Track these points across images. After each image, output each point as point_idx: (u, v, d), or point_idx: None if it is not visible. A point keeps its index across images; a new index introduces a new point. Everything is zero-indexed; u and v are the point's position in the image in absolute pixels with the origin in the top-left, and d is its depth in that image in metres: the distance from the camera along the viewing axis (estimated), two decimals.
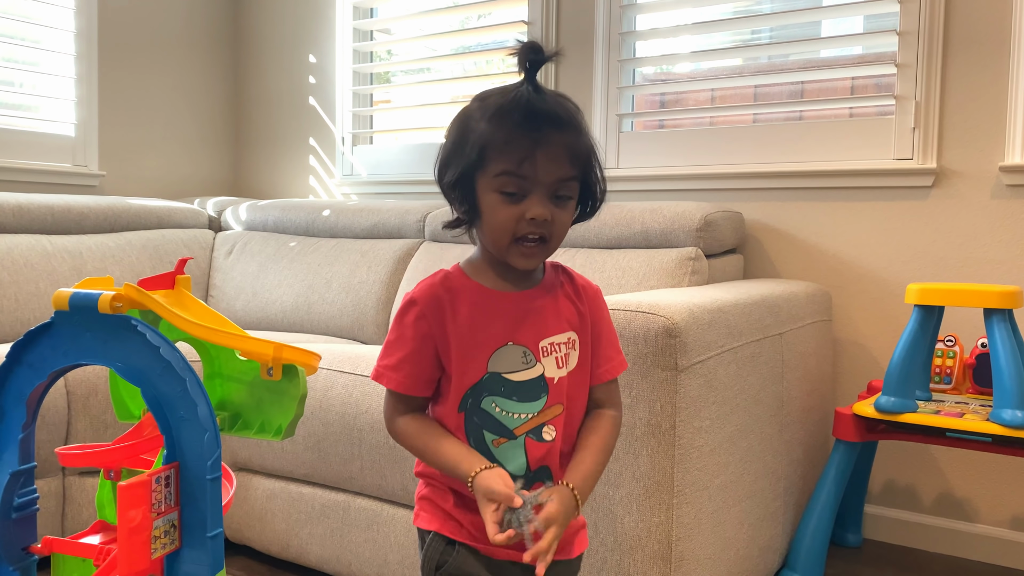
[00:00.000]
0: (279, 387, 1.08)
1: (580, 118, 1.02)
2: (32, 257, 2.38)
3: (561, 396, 1.04)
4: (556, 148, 0.97)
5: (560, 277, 1.09)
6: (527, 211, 0.98)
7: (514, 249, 1.01)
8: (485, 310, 1.04)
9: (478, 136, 0.99)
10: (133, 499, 0.91)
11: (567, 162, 0.98)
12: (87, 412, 1.89)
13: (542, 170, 0.97)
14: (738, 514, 1.63)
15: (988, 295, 1.76)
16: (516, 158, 0.97)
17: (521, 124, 0.97)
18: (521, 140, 0.97)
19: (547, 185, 0.98)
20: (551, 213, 0.99)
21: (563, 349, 1.05)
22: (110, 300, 0.97)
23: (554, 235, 1.01)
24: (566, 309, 1.07)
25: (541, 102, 0.98)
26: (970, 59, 2.13)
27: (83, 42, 2.95)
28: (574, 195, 1.02)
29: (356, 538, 1.77)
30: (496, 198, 0.99)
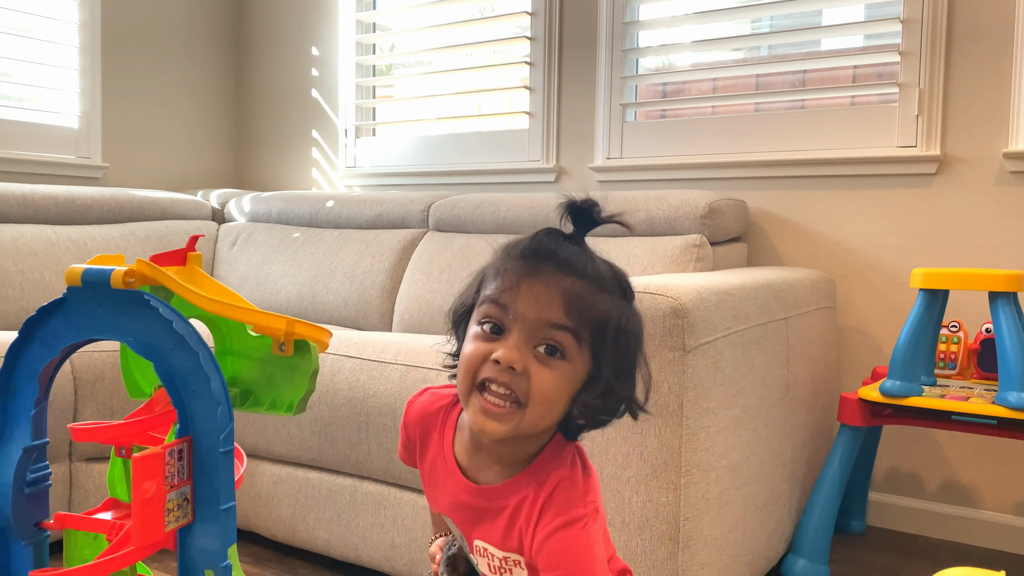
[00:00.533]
0: (291, 363, 1.08)
1: (611, 283, 0.88)
2: (37, 247, 2.38)
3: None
4: (549, 286, 0.84)
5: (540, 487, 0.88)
6: (496, 349, 0.84)
7: (474, 400, 0.86)
8: (440, 476, 0.95)
9: (485, 268, 0.91)
10: (148, 470, 0.91)
11: (559, 306, 0.83)
12: (94, 397, 1.90)
13: (524, 302, 0.84)
14: (744, 496, 1.64)
15: (993, 278, 1.76)
16: (501, 286, 0.85)
17: (521, 256, 0.87)
18: (514, 270, 0.86)
19: (528, 325, 0.84)
20: (526, 364, 0.83)
21: (497, 561, 0.91)
22: (123, 275, 0.98)
23: (532, 398, 0.83)
24: (517, 528, 0.89)
25: (553, 243, 0.86)
26: (974, 46, 2.14)
27: (86, 34, 2.95)
28: (572, 359, 0.85)
29: (363, 522, 1.78)
30: (474, 331, 0.88)
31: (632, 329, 0.89)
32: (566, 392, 0.86)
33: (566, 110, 2.73)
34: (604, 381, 0.86)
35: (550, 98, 2.74)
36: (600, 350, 0.86)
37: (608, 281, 0.87)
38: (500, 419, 0.84)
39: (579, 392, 0.87)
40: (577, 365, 0.85)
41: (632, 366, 0.89)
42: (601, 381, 0.86)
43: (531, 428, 0.85)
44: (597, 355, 0.86)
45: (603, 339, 0.85)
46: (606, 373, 0.86)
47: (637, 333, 0.90)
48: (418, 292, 2.40)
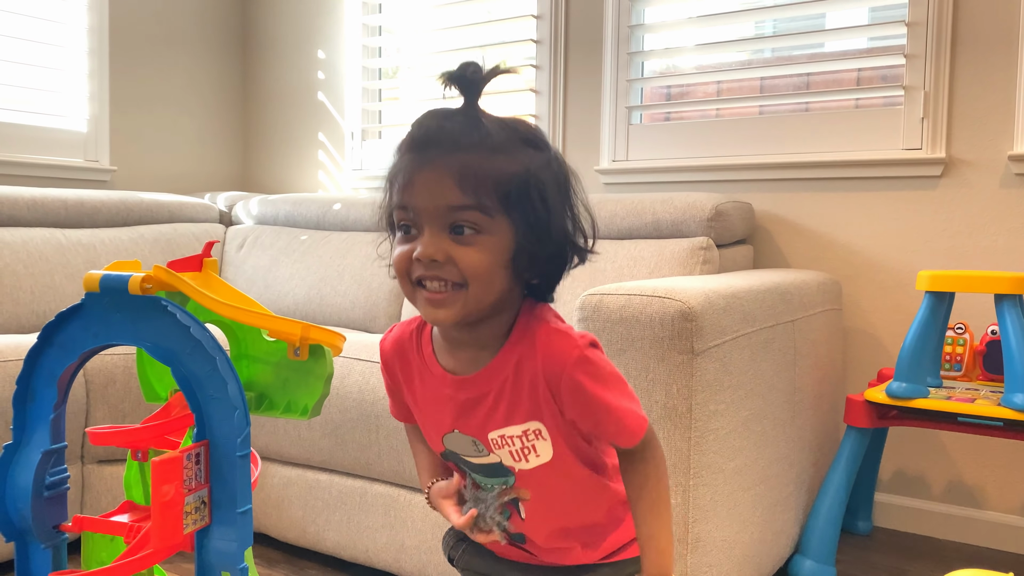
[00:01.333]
0: (305, 367, 1.09)
1: (509, 142, 0.85)
2: (47, 250, 2.40)
3: (526, 483, 0.94)
4: (438, 170, 0.83)
5: (523, 345, 0.89)
6: (416, 248, 0.84)
7: (419, 296, 0.87)
8: (431, 391, 0.95)
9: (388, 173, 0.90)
10: (166, 474, 0.93)
11: (454, 185, 0.82)
12: (106, 401, 1.91)
13: (421, 197, 0.83)
14: (752, 498, 1.65)
15: (999, 281, 1.77)
16: (400, 184, 0.85)
17: (408, 148, 0.86)
18: (406, 165, 0.85)
19: (432, 216, 0.83)
20: (446, 251, 0.83)
21: (518, 443, 0.91)
22: (140, 281, 0.99)
23: (468, 278, 0.83)
24: (523, 394, 0.89)
25: (436, 123, 0.85)
26: (979, 49, 2.14)
27: (94, 38, 2.97)
28: (486, 230, 0.83)
29: (373, 524, 1.79)
30: (396, 236, 0.88)
31: (545, 178, 0.87)
32: (498, 262, 0.85)
33: (572, 113, 2.74)
34: (533, 238, 0.86)
35: (556, 101, 2.76)
36: (514, 211, 0.85)
37: (502, 142, 0.85)
38: (446, 304, 0.85)
39: (514, 256, 0.86)
40: (497, 233, 0.84)
41: (556, 209, 0.88)
42: (530, 239, 0.86)
43: (478, 303, 0.85)
44: (512, 216, 0.85)
45: (512, 199, 0.84)
46: (531, 230, 0.85)
47: (555, 178, 0.88)
48: None
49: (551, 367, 0.87)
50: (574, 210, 0.91)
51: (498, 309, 0.89)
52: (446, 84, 0.87)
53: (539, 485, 0.94)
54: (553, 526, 0.97)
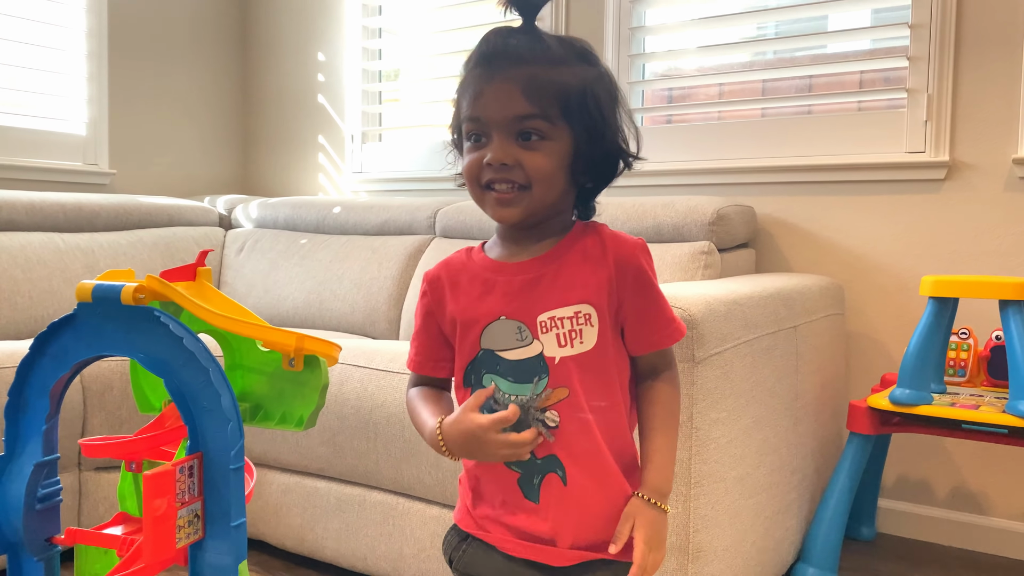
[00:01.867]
0: (300, 378, 1.08)
1: (568, 56, 0.93)
2: (45, 255, 2.39)
3: (565, 379, 0.93)
4: (506, 83, 0.90)
5: (587, 239, 0.96)
6: (486, 155, 0.92)
7: (487, 198, 0.95)
8: (482, 283, 0.97)
9: (457, 89, 0.97)
10: (159, 488, 0.91)
11: (521, 96, 0.90)
12: (103, 407, 1.90)
13: (490, 107, 0.91)
14: (754, 506, 1.63)
15: (1004, 286, 1.75)
16: (470, 98, 0.93)
17: (477, 63, 0.94)
18: (475, 79, 0.93)
19: (501, 124, 0.91)
20: (515, 156, 0.91)
21: (567, 325, 0.93)
22: (133, 291, 0.98)
23: (533, 180, 0.91)
24: (580, 276, 0.94)
25: (501, 39, 0.93)
26: (982, 51, 2.13)
27: (93, 41, 2.95)
28: (550, 136, 0.91)
29: (371, 532, 1.78)
30: (466, 146, 0.95)
31: (599, 91, 0.94)
32: (559, 165, 0.93)
33: None
34: (590, 144, 0.94)
35: None
36: (573, 119, 0.92)
37: (561, 56, 0.93)
38: (512, 203, 0.93)
39: (572, 160, 0.94)
40: (559, 140, 0.92)
41: (611, 120, 0.96)
42: (587, 145, 0.94)
43: (541, 203, 0.94)
44: (572, 124, 0.93)
45: (572, 109, 0.92)
46: (588, 136, 0.94)
47: (607, 91, 0.96)
48: None
49: (621, 249, 0.95)
50: (622, 122, 0.98)
51: (557, 210, 0.97)
52: (505, 7, 0.95)
53: (578, 383, 0.93)
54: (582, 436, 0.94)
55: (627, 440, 0.99)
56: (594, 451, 0.95)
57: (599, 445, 0.95)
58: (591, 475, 0.95)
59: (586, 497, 0.96)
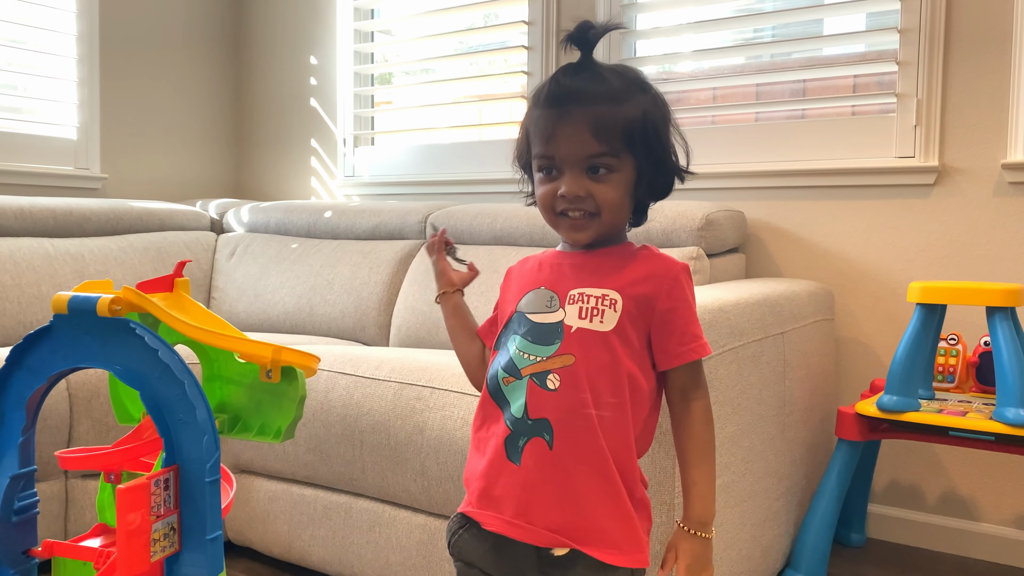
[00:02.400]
0: (278, 389, 1.08)
1: (625, 90, 1.01)
2: (34, 260, 2.38)
3: (574, 347, 1.01)
4: (577, 125, 0.99)
5: (638, 252, 1.07)
6: (560, 187, 1.01)
7: (562, 222, 1.05)
8: (540, 263, 1.10)
9: (526, 120, 1.07)
10: (132, 502, 0.91)
11: (591, 137, 0.99)
12: (89, 415, 1.90)
13: (564, 148, 1.00)
14: (740, 514, 1.63)
15: (991, 293, 1.75)
16: (543, 139, 1.02)
17: (546, 104, 1.02)
18: (545, 121, 1.01)
19: (573, 161, 1.00)
20: (586, 188, 1.00)
21: (593, 302, 1.02)
22: (109, 303, 0.97)
23: (603, 209, 1.01)
24: (619, 272, 1.04)
25: (571, 80, 1.00)
26: (971, 56, 2.12)
27: (84, 45, 2.95)
28: (616, 168, 1.01)
29: (358, 540, 1.77)
30: (538, 178, 1.05)
31: (655, 118, 1.03)
32: (625, 193, 1.03)
33: None
34: (652, 169, 1.04)
35: None
36: (636, 150, 1.01)
37: (622, 91, 1.01)
38: (584, 228, 1.03)
39: (636, 185, 1.04)
40: (624, 170, 1.02)
41: (667, 143, 1.05)
42: (649, 170, 1.04)
43: (610, 227, 1.04)
44: (636, 154, 1.02)
45: (635, 142, 1.01)
46: (650, 163, 1.03)
47: (662, 116, 1.05)
48: (415, 304, 2.40)
49: (662, 266, 1.04)
50: (674, 138, 1.07)
51: (621, 226, 1.08)
52: (565, 44, 1.03)
53: (586, 351, 1.00)
54: (580, 405, 0.99)
55: (627, 447, 1.02)
56: (587, 429, 0.99)
57: (594, 426, 0.99)
58: (579, 451, 0.99)
59: (569, 469, 0.99)
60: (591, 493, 0.99)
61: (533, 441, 1.00)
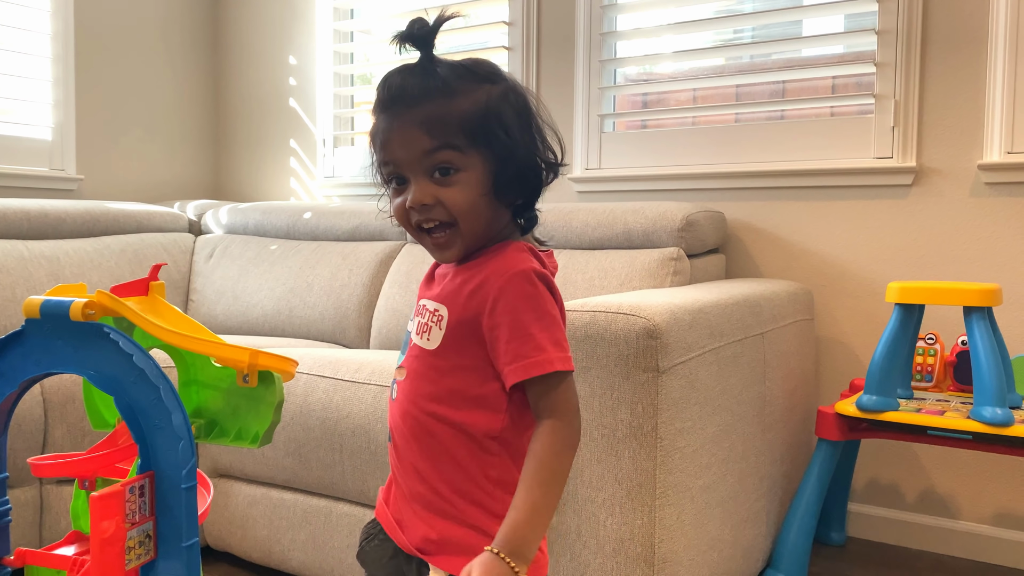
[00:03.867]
0: (255, 394, 1.06)
1: (463, 81, 0.92)
2: (8, 263, 2.34)
3: (409, 361, 0.99)
4: (406, 124, 0.92)
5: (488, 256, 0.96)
6: (408, 199, 0.93)
7: (424, 240, 0.97)
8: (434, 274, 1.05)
9: (370, 134, 0.99)
10: (106, 510, 0.90)
11: (423, 134, 0.91)
12: (64, 420, 1.87)
13: (399, 151, 0.92)
14: (721, 515, 1.63)
15: (967, 293, 1.76)
16: (380, 145, 0.95)
17: (379, 109, 0.95)
18: (379, 126, 0.95)
19: (413, 164, 0.92)
20: (433, 195, 0.92)
21: (427, 316, 0.97)
22: (82, 307, 0.96)
23: (456, 215, 0.92)
24: (455, 281, 0.96)
25: (398, 80, 0.93)
26: (948, 58, 2.14)
27: (59, 45, 2.91)
28: (463, 167, 0.92)
29: (338, 544, 1.76)
30: (390, 192, 0.97)
31: (503, 108, 0.94)
32: (479, 193, 0.93)
33: None
34: (504, 165, 0.93)
35: None
36: (481, 144, 0.92)
37: (457, 84, 0.92)
38: (448, 245, 0.95)
39: (492, 185, 0.93)
40: (473, 168, 0.92)
41: (522, 135, 0.95)
42: (503, 164, 0.93)
43: (473, 234, 0.95)
44: (482, 149, 0.92)
45: (477, 134, 0.92)
46: (500, 158, 0.93)
47: (513, 107, 0.95)
48: (395, 306, 2.39)
49: (497, 267, 0.93)
50: (540, 131, 0.97)
51: (494, 231, 0.97)
52: (400, 44, 0.95)
53: (413, 371, 0.98)
54: (408, 425, 0.97)
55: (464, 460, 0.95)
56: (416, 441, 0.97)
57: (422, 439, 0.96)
58: (412, 459, 0.98)
59: (409, 481, 0.98)
60: (425, 508, 0.97)
61: (390, 445, 1.02)
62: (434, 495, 0.96)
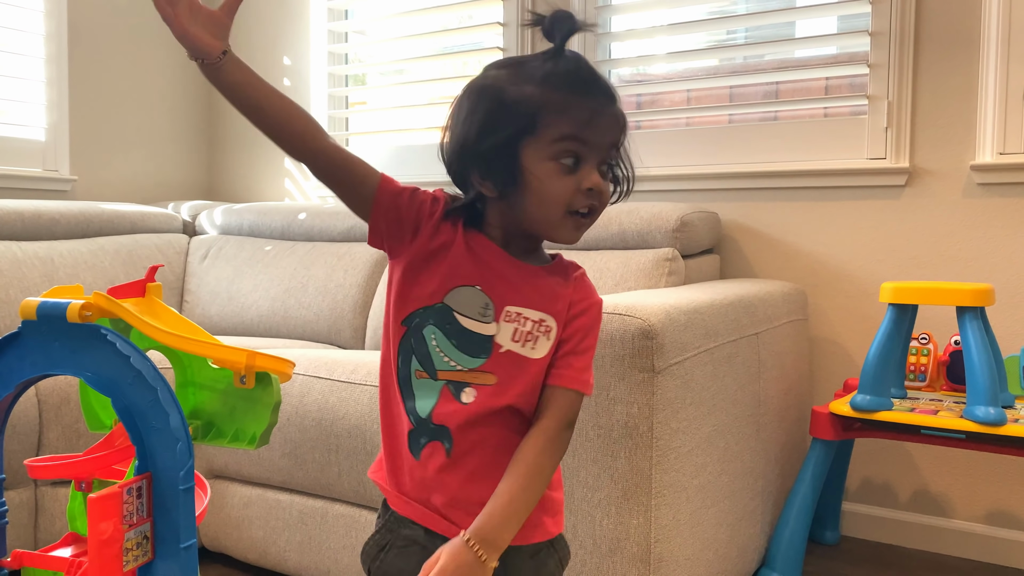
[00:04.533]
0: (252, 395, 1.06)
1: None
2: (1, 264, 2.34)
3: (499, 368, 0.95)
4: (611, 116, 0.94)
5: (571, 275, 1.01)
6: (583, 181, 0.92)
7: (567, 222, 0.94)
8: (476, 253, 0.97)
9: (526, 101, 0.92)
10: (104, 511, 0.90)
11: (619, 130, 0.96)
12: (59, 421, 1.87)
13: (605, 135, 0.94)
14: (716, 514, 1.64)
15: (960, 293, 1.77)
16: (578, 121, 0.91)
17: (579, 89, 0.93)
18: (581, 104, 0.92)
19: (603, 153, 0.95)
20: (603, 184, 0.95)
21: (529, 326, 0.96)
22: (79, 309, 0.96)
23: (602, 209, 0.97)
24: (558, 296, 0.98)
25: (585, 69, 0.95)
26: (941, 59, 2.15)
27: (53, 45, 2.91)
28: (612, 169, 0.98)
29: (334, 545, 1.76)
30: (551, 167, 0.92)
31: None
32: None
33: None
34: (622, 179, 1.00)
35: None
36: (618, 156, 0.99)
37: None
38: (584, 229, 0.97)
39: None
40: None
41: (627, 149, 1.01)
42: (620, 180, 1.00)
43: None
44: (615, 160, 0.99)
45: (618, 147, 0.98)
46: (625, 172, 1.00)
47: None
48: None
49: (583, 293, 1.00)
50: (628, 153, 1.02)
51: None
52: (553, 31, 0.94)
53: (509, 376, 0.95)
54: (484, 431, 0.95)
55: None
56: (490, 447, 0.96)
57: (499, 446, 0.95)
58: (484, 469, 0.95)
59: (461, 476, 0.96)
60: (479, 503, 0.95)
61: (431, 445, 0.96)
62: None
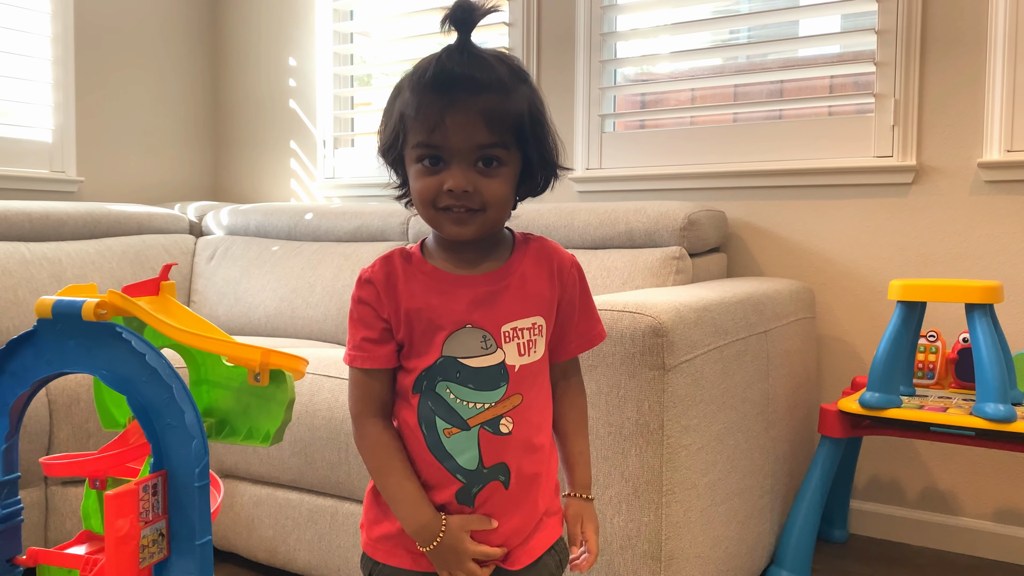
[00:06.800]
0: (266, 393, 1.07)
1: (512, 79, 0.94)
2: (10, 265, 2.34)
3: (521, 386, 0.98)
4: (469, 114, 0.90)
5: (531, 252, 1.01)
6: (445, 181, 0.92)
7: (443, 217, 0.95)
8: (441, 291, 0.98)
9: (400, 105, 0.96)
10: (120, 508, 0.90)
11: (484, 127, 0.91)
12: (69, 421, 1.87)
13: (454, 137, 0.91)
14: (726, 512, 1.64)
15: (969, 290, 1.77)
16: (427, 127, 0.91)
17: (432, 89, 0.91)
18: (431, 107, 0.91)
19: (463, 153, 0.92)
20: (474, 182, 0.92)
21: (527, 335, 0.98)
22: (94, 307, 0.96)
23: (488, 204, 0.94)
24: (537, 289, 1.00)
25: (457, 64, 0.91)
26: (948, 56, 2.15)
27: (59, 47, 2.92)
28: (507, 162, 0.94)
29: (344, 543, 1.76)
30: (417, 169, 0.95)
31: (540, 111, 0.98)
32: (511, 187, 0.97)
33: None
34: (537, 164, 0.98)
35: None
36: (526, 145, 0.96)
37: (510, 80, 0.94)
38: (468, 222, 0.95)
39: (521, 181, 0.99)
40: (512, 164, 0.96)
41: (549, 140, 1.00)
42: (534, 165, 0.98)
43: (494, 225, 0.98)
44: (524, 150, 0.96)
45: (525, 135, 0.95)
46: (535, 158, 0.97)
47: (542, 107, 0.99)
48: None
49: (563, 263, 1.02)
50: (554, 134, 1.01)
51: (503, 224, 1.02)
52: (446, 24, 0.94)
53: (529, 386, 1.00)
54: (532, 440, 1.00)
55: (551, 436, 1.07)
56: (538, 459, 1.01)
57: (542, 446, 1.02)
58: (530, 478, 1.01)
59: (521, 499, 1.01)
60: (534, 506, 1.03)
61: (489, 486, 0.98)
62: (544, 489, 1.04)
